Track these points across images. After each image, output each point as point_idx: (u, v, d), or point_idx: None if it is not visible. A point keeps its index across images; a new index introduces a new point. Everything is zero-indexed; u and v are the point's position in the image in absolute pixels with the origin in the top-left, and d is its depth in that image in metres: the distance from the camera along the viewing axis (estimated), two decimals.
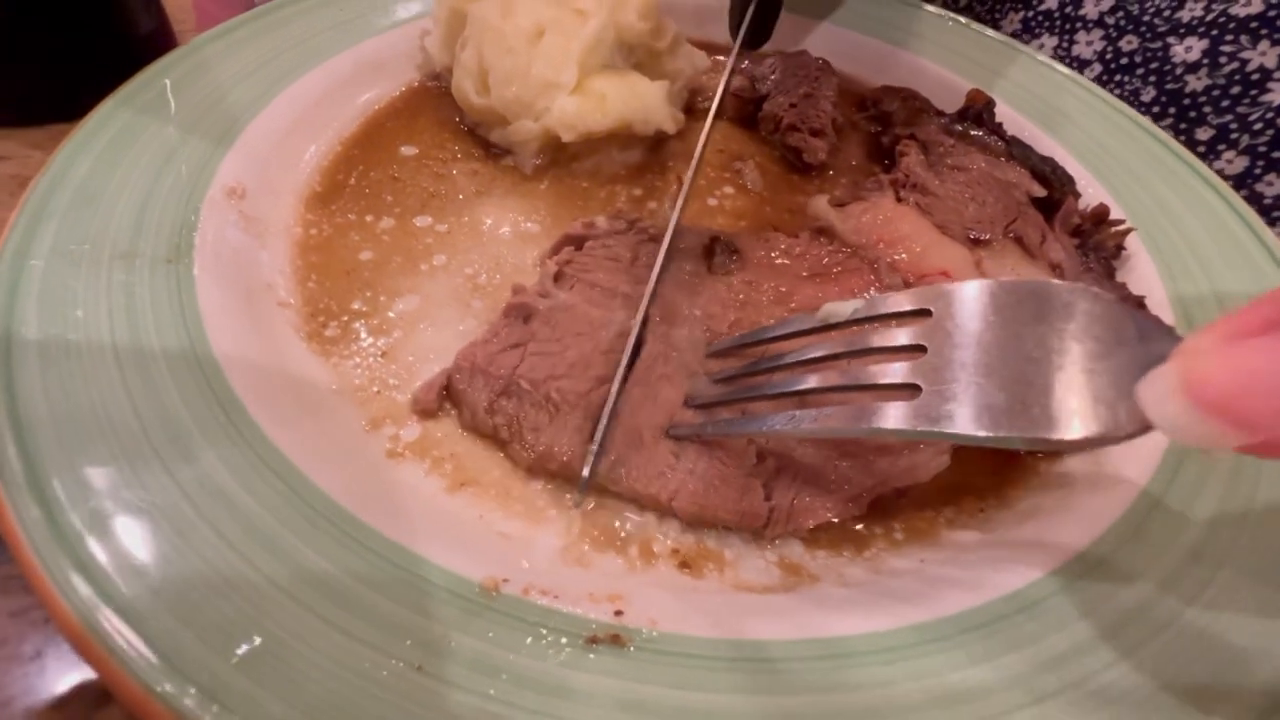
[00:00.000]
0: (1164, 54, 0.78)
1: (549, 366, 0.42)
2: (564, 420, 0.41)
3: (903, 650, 0.32)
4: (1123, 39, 0.82)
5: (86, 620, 0.28)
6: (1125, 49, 0.82)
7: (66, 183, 0.47)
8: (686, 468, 0.39)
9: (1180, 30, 0.77)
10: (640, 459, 0.39)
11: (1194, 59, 0.76)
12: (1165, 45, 0.78)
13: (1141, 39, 0.80)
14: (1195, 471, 0.41)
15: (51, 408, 0.35)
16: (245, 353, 0.42)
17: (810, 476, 0.39)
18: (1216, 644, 0.33)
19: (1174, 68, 0.79)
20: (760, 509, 0.38)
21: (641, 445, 0.39)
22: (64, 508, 0.31)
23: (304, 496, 0.35)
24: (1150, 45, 0.80)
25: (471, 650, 0.30)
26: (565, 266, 0.48)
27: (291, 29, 0.65)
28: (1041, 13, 0.90)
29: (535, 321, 0.45)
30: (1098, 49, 0.85)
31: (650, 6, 0.65)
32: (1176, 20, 0.78)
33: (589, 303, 0.46)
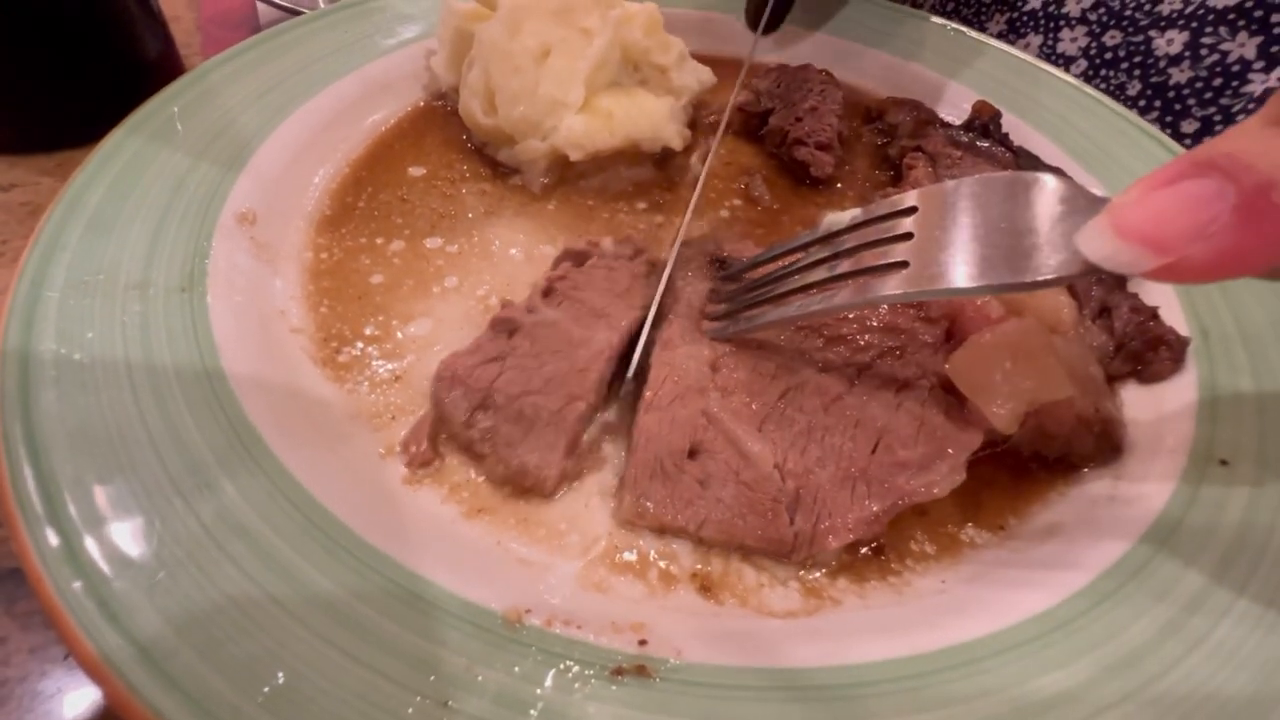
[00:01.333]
0: (1146, 48, 0.79)
1: (524, 381, 0.43)
2: (537, 436, 0.41)
3: (927, 677, 0.32)
4: (1106, 34, 0.83)
5: (110, 661, 0.27)
6: (1109, 44, 0.83)
7: (79, 212, 0.47)
8: (713, 496, 0.39)
9: (1161, 23, 0.77)
10: (665, 490, 0.39)
11: (1176, 52, 0.76)
12: (1147, 39, 0.79)
13: (1124, 33, 0.81)
14: (1216, 489, 0.41)
15: (70, 443, 0.35)
16: (260, 381, 0.42)
17: (831, 499, 0.39)
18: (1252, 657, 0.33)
19: (1157, 61, 0.80)
20: (786, 534, 0.38)
21: (665, 476, 0.39)
22: (85, 545, 0.31)
23: (322, 527, 0.35)
24: (1133, 39, 0.81)
25: (497, 685, 0.30)
26: (558, 283, 0.49)
27: (297, 53, 0.66)
28: (1026, 13, 0.91)
29: (518, 336, 0.45)
30: (1082, 45, 0.86)
31: (655, 24, 0.66)
32: (1157, 14, 0.78)
33: (574, 321, 0.46)
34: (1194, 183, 0.27)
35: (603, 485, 0.42)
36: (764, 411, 0.42)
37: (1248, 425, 0.44)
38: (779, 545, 0.38)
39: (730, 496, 0.39)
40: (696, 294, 0.47)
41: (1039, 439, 0.44)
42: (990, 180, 0.37)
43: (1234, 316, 0.51)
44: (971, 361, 0.41)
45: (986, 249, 0.35)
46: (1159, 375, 0.48)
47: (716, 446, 0.40)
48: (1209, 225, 0.26)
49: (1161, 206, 0.28)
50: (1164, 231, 0.28)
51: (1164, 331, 0.49)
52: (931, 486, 0.39)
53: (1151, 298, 0.52)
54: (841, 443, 0.41)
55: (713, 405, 0.41)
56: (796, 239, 0.44)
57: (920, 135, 0.65)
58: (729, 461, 0.40)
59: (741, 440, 0.40)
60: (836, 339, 0.45)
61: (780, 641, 0.34)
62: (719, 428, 0.40)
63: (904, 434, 0.41)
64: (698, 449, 0.40)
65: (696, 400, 0.41)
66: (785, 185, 0.66)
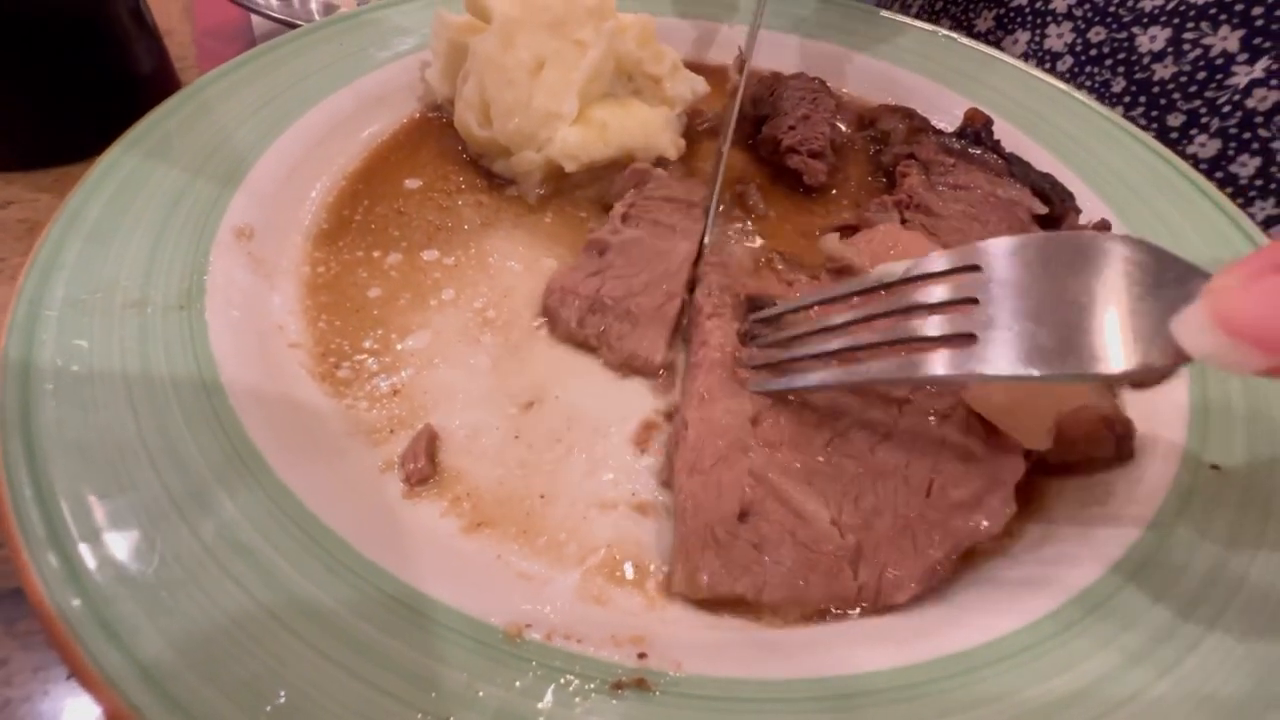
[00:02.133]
0: (1130, 44, 0.80)
1: (626, 287, 0.51)
2: (643, 329, 0.50)
3: (924, 686, 0.32)
4: (1091, 30, 0.84)
5: (113, 681, 0.28)
6: (1094, 40, 0.84)
7: (77, 229, 0.47)
8: (771, 559, 0.37)
9: (1144, 20, 0.78)
10: (720, 559, 0.37)
11: (1159, 48, 0.77)
12: (1131, 35, 0.80)
13: (1109, 29, 0.81)
14: (1209, 493, 0.41)
15: (70, 462, 0.35)
16: (260, 398, 0.42)
17: (892, 549, 0.38)
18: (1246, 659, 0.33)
19: (1141, 57, 0.80)
20: (850, 590, 0.37)
21: (717, 544, 0.37)
22: (85, 564, 0.31)
23: (323, 544, 0.35)
24: (1117, 36, 0.82)
25: (498, 701, 0.30)
26: (630, 209, 0.57)
27: (292, 67, 0.66)
28: (1013, 9, 0.92)
29: (610, 254, 0.54)
30: (1068, 41, 0.87)
31: (648, 34, 0.66)
32: (1139, 10, 0.79)
33: (654, 236, 0.55)
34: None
35: (601, 496, 0.43)
36: (812, 464, 0.40)
37: (1238, 431, 0.44)
38: (844, 602, 0.37)
39: (789, 558, 0.37)
40: (728, 337, 0.46)
41: (1060, 446, 0.42)
42: (1064, 242, 0.34)
43: None
44: (987, 389, 0.41)
45: (1058, 328, 0.31)
46: (1150, 381, 0.48)
47: (768, 507, 0.39)
48: None
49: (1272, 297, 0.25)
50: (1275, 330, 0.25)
51: None
52: (987, 523, 0.38)
53: None
54: (895, 487, 0.40)
55: (759, 463, 0.40)
56: (844, 286, 0.42)
57: (913, 142, 0.65)
58: (783, 521, 0.38)
59: (793, 498, 0.39)
60: None
61: (777, 652, 0.34)
62: (768, 487, 0.39)
63: (954, 472, 0.40)
64: (748, 511, 0.39)
65: (741, 459, 0.40)
66: (779, 193, 0.66)
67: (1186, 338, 0.28)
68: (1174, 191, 0.62)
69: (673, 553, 0.38)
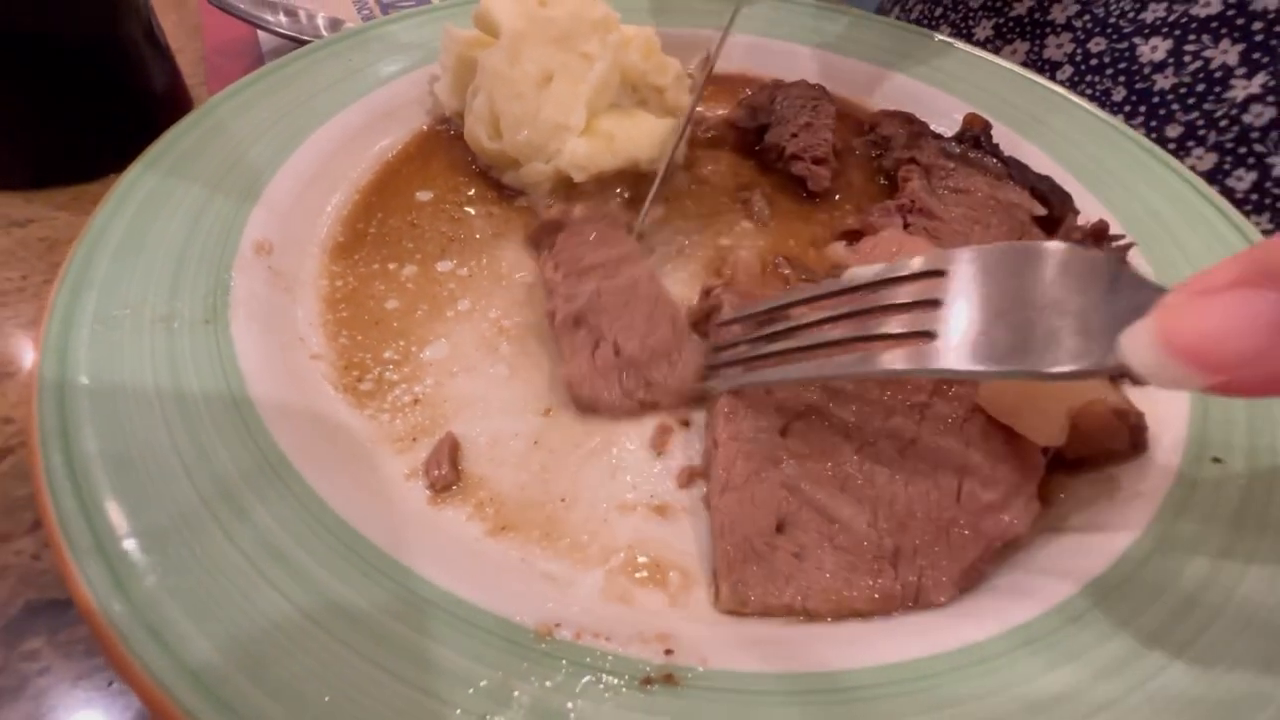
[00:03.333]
0: (1131, 54, 0.81)
1: (633, 333, 0.48)
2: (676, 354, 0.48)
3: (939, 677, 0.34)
4: (1091, 41, 0.85)
5: (166, 687, 0.29)
6: (1094, 50, 0.85)
7: (103, 248, 0.48)
8: (813, 566, 0.38)
9: (1145, 31, 0.80)
10: (762, 572, 0.38)
11: (1160, 59, 0.79)
12: (1132, 46, 0.81)
13: (1109, 40, 0.83)
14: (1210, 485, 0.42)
15: (110, 475, 0.36)
16: (286, 409, 0.43)
17: (930, 551, 0.39)
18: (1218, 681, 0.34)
19: (1141, 67, 0.82)
20: (894, 590, 0.38)
21: (758, 557, 0.38)
22: (130, 573, 0.32)
23: (355, 549, 0.36)
24: (1117, 46, 0.83)
25: (532, 697, 0.31)
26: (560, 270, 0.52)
27: (302, 83, 0.67)
28: (1012, 19, 0.93)
29: (589, 319, 0.49)
30: (1068, 51, 0.88)
31: (652, 46, 0.67)
32: (1141, 21, 0.81)
33: (607, 277, 0.51)
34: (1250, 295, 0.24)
35: (620, 498, 0.44)
36: (843, 473, 0.41)
37: (1238, 423, 0.45)
38: (889, 603, 0.38)
39: (830, 563, 0.38)
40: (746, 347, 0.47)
41: (1075, 440, 0.43)
42: (1031, 250, 0.35)
43: None
44: (997, 389, 0.42)
45: (1020, 330, 0.33)
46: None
47: (804, 516, 0.40)
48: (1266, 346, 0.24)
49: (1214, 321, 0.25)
50: (1216, 351, 0.25)
51: None
52: (1015, 522, 0.40)
53: None
54: (925, 492, 0.40)
55: (791, 475, 0.41)
56: (815, 289, 0.44)
57: (913, 147, 0.67)
58: (820, 529, 0.39)
59: (828, 506, 0.40)
60: (892, 384, 0.45)
61: (798, 645, 0.35)
62: (803, 497, 0.40)
63: (980, 474, 0.41)
64: (785, 522, 0.40)
65: (773, 472, 0.41)
66: (784, 199, 0.67)
67: (1131, 353, 0.28)
68: (1171, 193, 0.63)
69: (715, 570, 0.39)
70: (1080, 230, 0.59)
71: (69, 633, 0.39)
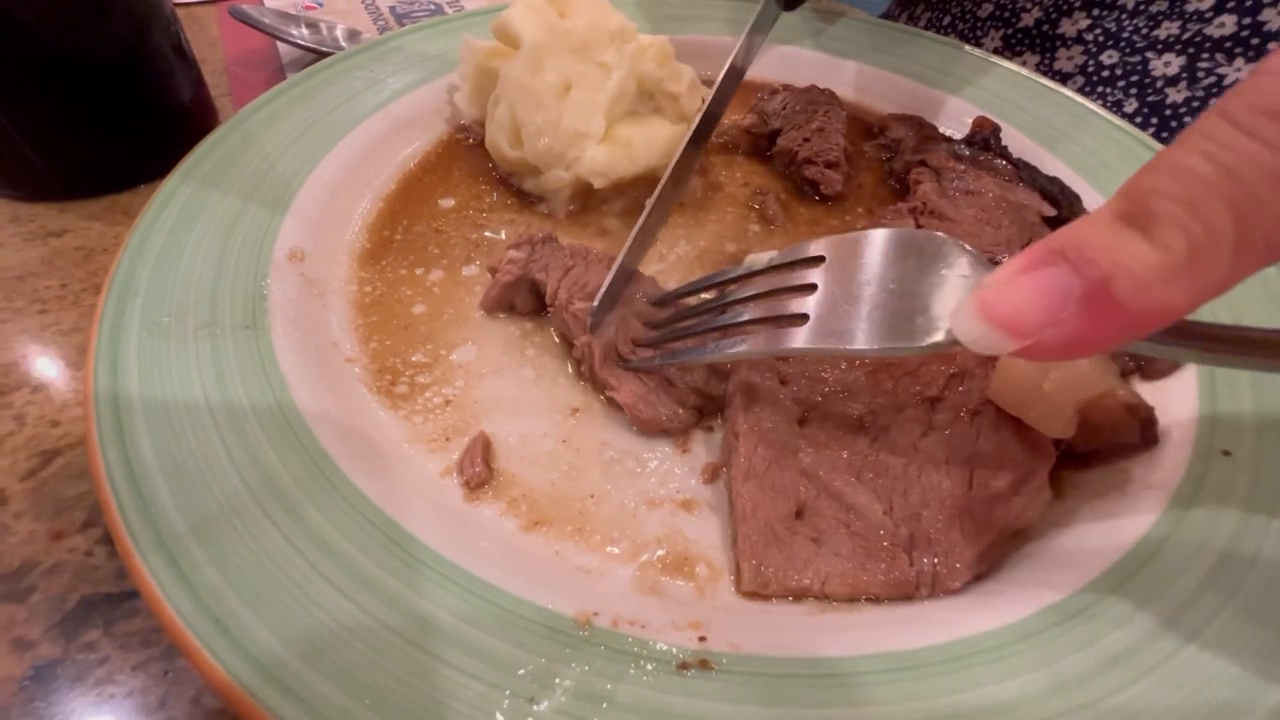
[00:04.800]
0: (1144, 68, 0.82)
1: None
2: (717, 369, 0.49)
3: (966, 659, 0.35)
4: (1103, 54, 0.86)
5: (233, 674, 0.30)
6: (1106, 63, 0.86)
7: (144, 259, 0.50)
8: (830, 551, 0.40)
9: (1158, 46, 0.81)
10: (782, 555, 0.40)
11: (1173, 73, 0.80)
12: (1144, 60, 0.82)
13: (1121, 54, 0.84)
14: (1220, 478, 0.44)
15: (166, 476, 0.38)
16: (327, 410, 0.45)
17: (943, 538, 0.40)
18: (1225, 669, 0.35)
19: (1154, 80, 0.83)
20: (909, 575, 0.40)
21: (778, 540, 0.40)
22: (193, 569, 0.34)
23: (400, 544, 0.38)
24: (1130, 59, 0.84)
25: (575, 680, 0.33)
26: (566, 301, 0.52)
27: (326, 95, 0.69)
28: (1020, 30, 0.94)
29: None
30: (1079, 63, 0.89)
31: (666, 54, 0.69)
32: (1154, 38, 0.81)
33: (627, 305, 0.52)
34: (1047, 271, 0.28)
35: (648, 494, 0.45)
36: (858, 461, 0.43)
37: (1246, 417, 0.47)
38: (904, 587, 0.39)
39: (847, 548, 0.40)
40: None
41: (1086, 433, 0.45)
42: (902, 238, 0.38)
43: (1230, 311, 0.54)
44: (1007, 383, 0.43)
45: (883, 311, 0.36)
46: (1162, 372, 0.51)
47: (821, 503, 0.42)
48: (1059, 313, 0.28)
49: (1019, 295, 0.29)
50: (1021, 319, 0.29)
51: None
52: (1027, 510, 0.41)
53: None
54: (939, 481, 0.42)
55: (809, 463, 0.43)
56: (719, 274, 0.47)
57: (923, 150, 0.68)
58: (837, 515, 0.41)
59: (845, 493, 0.42)
60: (905, 375, 0.47)
61: (820, 633, 0.37)
62: (820, 485, 0.42)
63: (992, 464, 0.43)
64: (804, 508, 0.42)
65: (792, 460, 0.43)
66: (797, 203, 0.69)
67: (958, 326, 0.32)
68: None
69: (737, 554, 0.41)
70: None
71: (124, 625, 0.41)
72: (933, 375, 0.46)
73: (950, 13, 1.04)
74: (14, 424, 0.50)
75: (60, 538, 0.45)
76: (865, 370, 0.46)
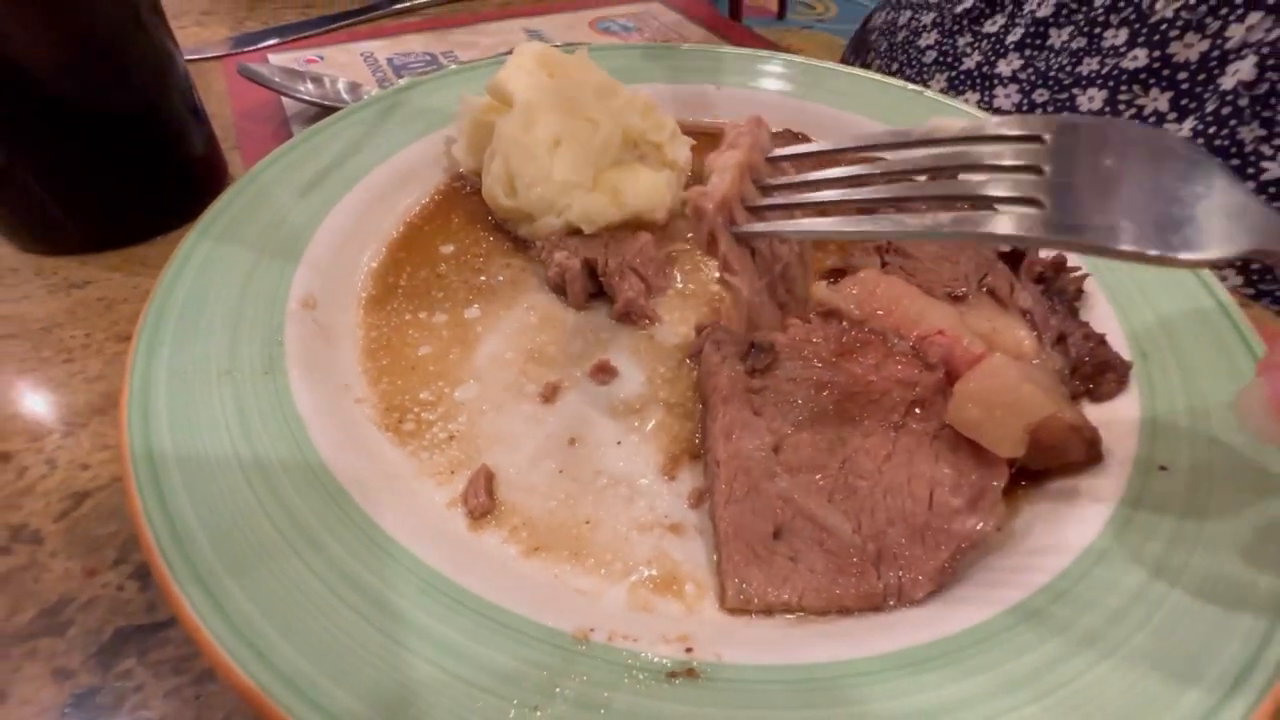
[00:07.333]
0: (1071, 104, 0.89)
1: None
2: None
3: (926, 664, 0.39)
4: (1035, 92, 0.93)
5: (268, 692, 0.34)
6: (1038, 100, 0.93)
7: (169, 311, 0.54)
8: (806, 568, 0.44)
9: (1083, 82, 0.87)
10: (762, 573, 0.44)
11: (1097, 107, 0.86)
12: (1071, 95, 0.89)
13: (1051, 91, 0.91)
14: (1158, 492, 0.48)
15: (199, 516, 0.41)
16: (341, 449, 0.49)
17: (908, 553, 0.44)
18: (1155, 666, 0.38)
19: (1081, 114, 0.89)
20: (878, 588, 0.43)
21: (758, 560, 0.44)
22: (227, 599, 0.38)
23: (413, 570, 0.42)
24: (1059, 96, 0.91)
25: (575, 691, 0.36)
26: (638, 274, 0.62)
27: (332, 150, 0.74)
28: (963, 73, 1.02)
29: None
30: (1015, 100, 0.96)
31: (649, 107, 0.74)
32: (1078, 74, 0.88)
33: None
34: None
35: (639, 520, 0.49)
36: (829, 484, 0.47)
37: (1182, 434, 0.51)
38: (873, 599, 0.43)
39: (821, 565, 0.44)
40: (736, 376, 0.51)
41: (1037, 452, 0.49)
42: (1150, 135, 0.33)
43: (1169, 340, 0.59)
44: (963, 409, 0.47)
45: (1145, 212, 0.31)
46: (1108, 395, 0.56)
47: (797, 524, 0.45)
48: None
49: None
50: None
51: (1110, 356, 0.57)
52: (982, 524, 0.45)
53: (1097, 326, 0.60)
54: (902, 501, 0.46)
55: (785, 487, 0.47)
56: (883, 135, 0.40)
57: None
58: (812, 535, 0.45)
59: (818, 514, 0.46)
60: (869, 403, 0.50)
61: (795, 644, 0.41)
62: (795, 507, 0.46)
63: (950, 483, 0.46)
64: (781, 529, 0.45)
65: (770, 485, 0.47)
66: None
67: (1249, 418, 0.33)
68: None
69: (720, 573, 0.45)
70: (1041, 263, 0.65)
71: (156, 654, 0.44)
72: (895, 403, 0.50)
73: (898, 59, 1.12)
74: (46, 468, 0.54)
75: (94, 574, 0.48)
76: (833, 400, 0.50)
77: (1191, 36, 0.81)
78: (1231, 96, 0.79)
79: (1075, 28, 0.89)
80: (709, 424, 0.52)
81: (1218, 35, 0.80)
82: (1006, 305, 0.61)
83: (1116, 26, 0.85)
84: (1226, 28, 0.79)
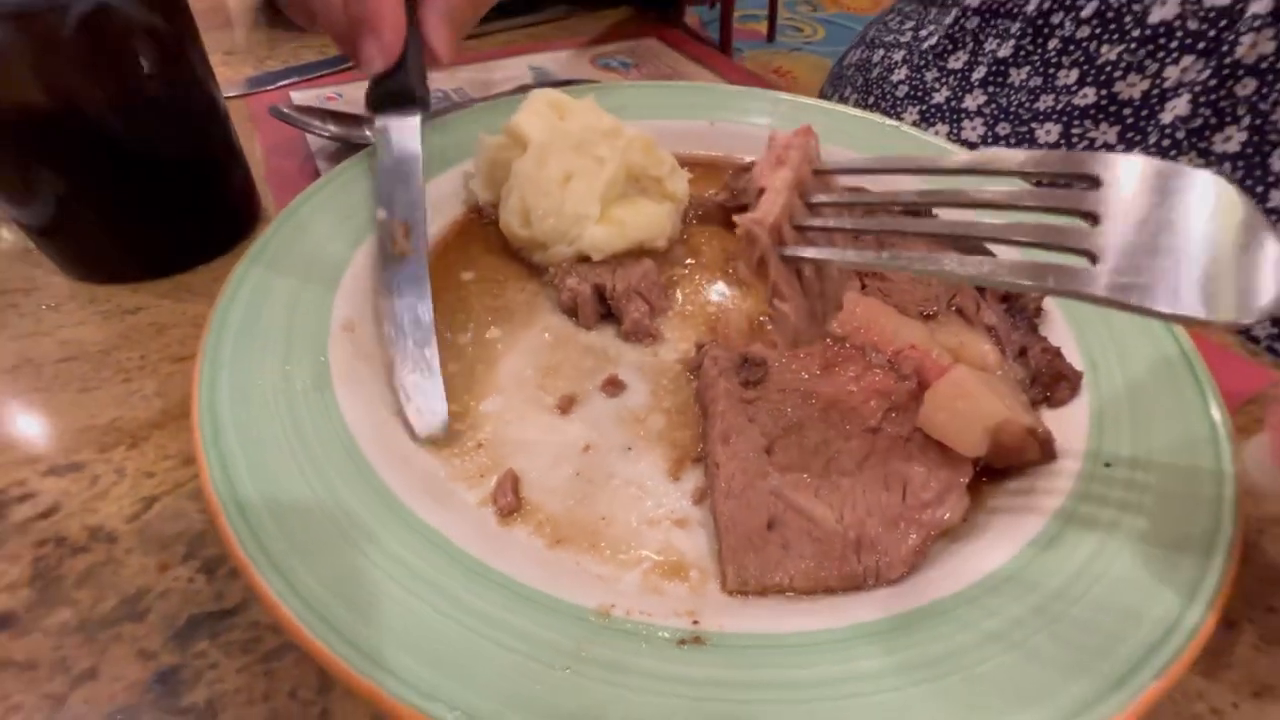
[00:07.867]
0: (1030, 136, 0.98)
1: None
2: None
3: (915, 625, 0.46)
4: (998, 125, 1.02)
5: (346, 661, 0.40)
6: (1001, 133, 1.02)
7: (226, 334, 0.61)
8: (796, 555, 0.50)
9: (1040, 117, 0.96)
10: (758, 560, 0.50)
11: (1053, 140, 0.95)
12: (1030, 129, 0.98)
13: (1012, 124, 1.00)
14: (1101, 485, 0.55)
15: (269, 513, 0.48)
16: (387, 457, 0.55)
17: (885, 540, 0.50)
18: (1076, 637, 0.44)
19: (1039, 145, 0.98)
20: (858, 570, 0.49)
21: (754, 548, 0.50)
22: (303, 584, 0.44)
23: (458, 560, 0.48)
24: (1019, 129, 1.00)
25: (601, 655, 0.43)
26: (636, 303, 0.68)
27: (362, 185, 0.81)
28: (933, 106, 1.10)
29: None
30: (980, 133, 1.05)
31: (650, 145, 0.82)
32: (1036, 109, 0.97)
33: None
34: None
35: (648, 515, 0.56)
36: (815, 482, 0.54)
37: (1125, 435, 0.58)
38: (855, 580, 0.49)
39: (809, 552, 0.50)
40: (732, 386, 0.58)
41: (998, 452, 0.56)
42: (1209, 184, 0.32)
43: (1117, 351, 0.66)
44: (930, 414, 0.54)
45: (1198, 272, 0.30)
46: (1061, 401, 0.63)
47: (788, 517, 0.52)
48: None
49: None
50: None
51: (1064, 367, 0.65)
52: (949, 514, 0.52)
53: (1054, 340, 0.67)
54: (879, 495, 0.53)
55: (776, 485, 0.53)
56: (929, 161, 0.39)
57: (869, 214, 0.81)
58: (801, 526, 0.52)
59: (806, 508, 0.52)
60: (850, 410, 0.57)
61: (785, 615, 0.47)
62: (786, 502, 0.53)
63: (920, 479, 0.53)
64: (773, 521, 0.52)
65: (762, 483, 0.53)
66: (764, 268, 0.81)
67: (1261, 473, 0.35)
68: None
69: (721, 560, 0.51)
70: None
71: (226, 636, 0.50)
72: (872, 410, 0.57)
73: (873, 93, 1.21)
74: (116, 476, 0.60)
75: (166, 569, 0.54)
76: (818, 408, 0.57)
77: (1134, 77, 0.90)
78: (1170, 129, 0.88)
79: (1032, 68, 0.98)
80: (708, 430, 0.59)
81: (1156, 76, 0.89)
82: (973, 322, 0.69)
83: (1068, 67, 0.94)
84: (1164, 69, 0.88)
